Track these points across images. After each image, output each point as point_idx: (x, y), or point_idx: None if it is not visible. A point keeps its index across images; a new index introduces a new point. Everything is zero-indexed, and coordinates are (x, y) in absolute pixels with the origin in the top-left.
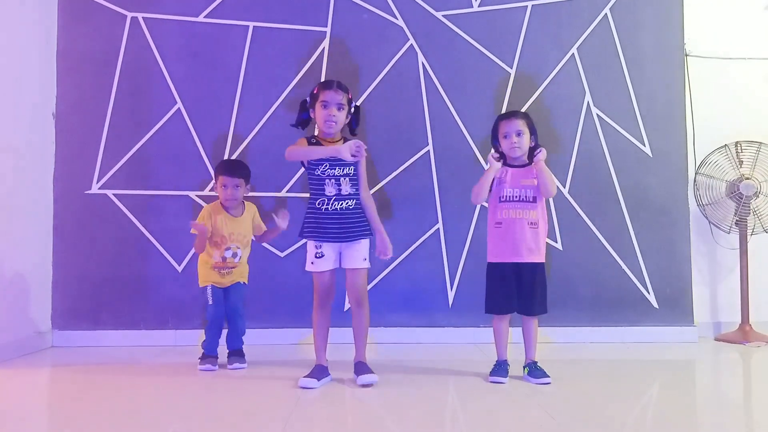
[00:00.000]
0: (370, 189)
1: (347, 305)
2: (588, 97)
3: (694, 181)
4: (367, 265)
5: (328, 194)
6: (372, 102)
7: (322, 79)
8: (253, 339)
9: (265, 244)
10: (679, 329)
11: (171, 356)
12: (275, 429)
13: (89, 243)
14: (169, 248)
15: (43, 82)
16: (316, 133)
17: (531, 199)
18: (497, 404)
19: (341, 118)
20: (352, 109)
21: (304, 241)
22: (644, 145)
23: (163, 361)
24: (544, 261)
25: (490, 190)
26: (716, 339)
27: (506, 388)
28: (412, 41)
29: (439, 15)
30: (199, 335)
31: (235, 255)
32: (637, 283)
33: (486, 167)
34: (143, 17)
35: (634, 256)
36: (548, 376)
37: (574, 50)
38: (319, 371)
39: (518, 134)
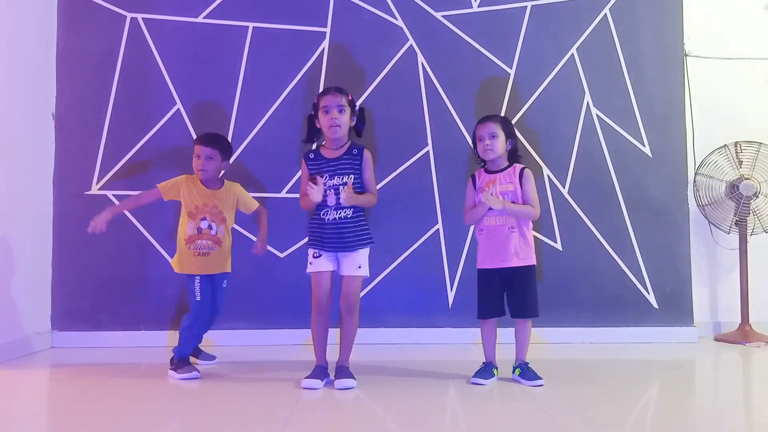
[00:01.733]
0: None
1: None
2: (588, 98)
3: (694, 181)
4: (362, 273)
5: (329, 204)
6: (372, 103)
7: (322, 81)
8: (253, 340)
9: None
10: (678, 329)
11: (170, 357)
12: (275, 429)
13: (89, 244)
14: (169, 249)
15: (43, 83)
16: (322, 143)
17: None
18: (497, 405)
19: (344, 120)
20: (356, 112)
21: (303, 242)
22: (644, 146)
23: (162, 362)
24: (534, 264)
25: (474, 197)
26: (716, 339)
27: (506, 389)
28: (411, 42)
29: (438, 15)
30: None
31: (210, 227)
32: (637, 283)
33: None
34: (143, 18)
35: (634, 256)
36: (541, 378)
37: (573, 50)
38: (320, 372)
39: (491, 137)
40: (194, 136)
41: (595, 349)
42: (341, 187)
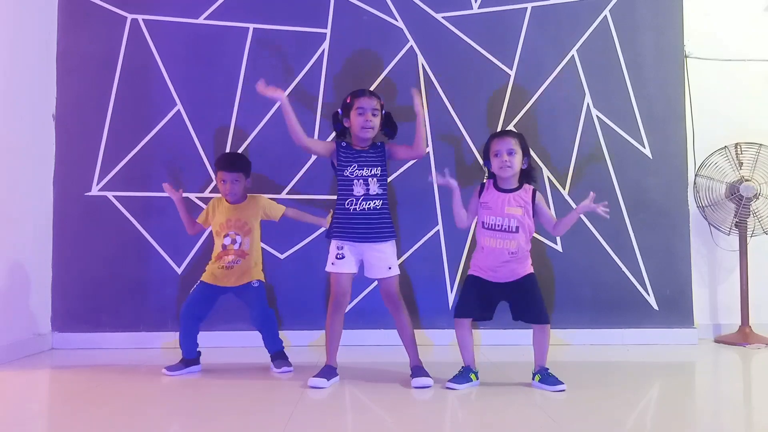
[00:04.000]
0: None
1: (348, 307)
2: (588, 99)
3: (694, 182)
4: (394, 272)
5: (357, 194)
6: None
7: (322, 81)
8: (254, 341)
9: (264, 245)
10: (678, 331)
11: (170, 358)
12: (276, 430)
13: (89, 245)
14: (169, 250)
15: (43, 84)
16: (348, 141)
17: (513, 229)
18: (497, 406)
19: (377, 123)
20: (383, 116)
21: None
22: (644, 147)
23: (162, 363)
24: (532, 272)
25: (479, 210)
26: (716, 341)
27: (507, 391)
28: (411, 43)
29: (438, 17)
30: (198, 337)
31: (234, 242)
32: (637, 284)
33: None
34: (143, 19)
35: (634, 257)
36: (563, 384)
37: (573, 52)
38: (328, 371)
39: (510, 153)
40: (195, 138)
41: (595, 351)
42: (370, 179)
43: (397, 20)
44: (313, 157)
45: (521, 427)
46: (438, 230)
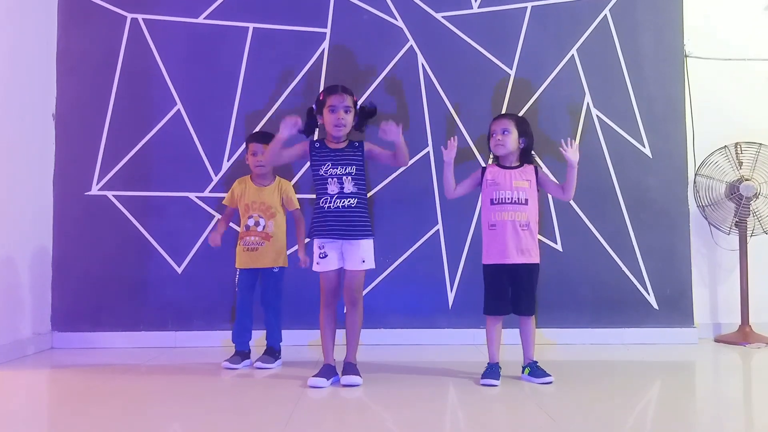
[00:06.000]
0: (370, 190)
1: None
2: (588, 98)
3: (694, 182)
4: (366, 266)
5: (331, 192)
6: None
7: (322, 81)
8: (253, 340)
9: None
10: (679, 330)
11: (170, 357)
12: (276, 429)
13: (89, 244)
14: (169, 249)
15: (43, 83)
16: (320, 137)
17: (523, 201)
18: (497, 405)
19: (349, 120)
20: (358, 111)
21: (306, 241)
22: (644, 146)
23: (162, 363)
24: (538, 262)
25: (483, 191)
26: (716, 340)
27: (506, 390)
28: (411, 42)
29: (438, 16)
30: (199, 337)
31: (257, 224)
32: (637, 284)
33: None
34: (143, 18)
35: (634, 257)
36: (550, 375)
37: (573, 51)
38: (328, 371)
39: (503, 132)
40: (195, 137)
41: (595, 350)
42: (344, 177)
43: (397, 20)
44: None
45: (521, 427)
46: (438, 230)
